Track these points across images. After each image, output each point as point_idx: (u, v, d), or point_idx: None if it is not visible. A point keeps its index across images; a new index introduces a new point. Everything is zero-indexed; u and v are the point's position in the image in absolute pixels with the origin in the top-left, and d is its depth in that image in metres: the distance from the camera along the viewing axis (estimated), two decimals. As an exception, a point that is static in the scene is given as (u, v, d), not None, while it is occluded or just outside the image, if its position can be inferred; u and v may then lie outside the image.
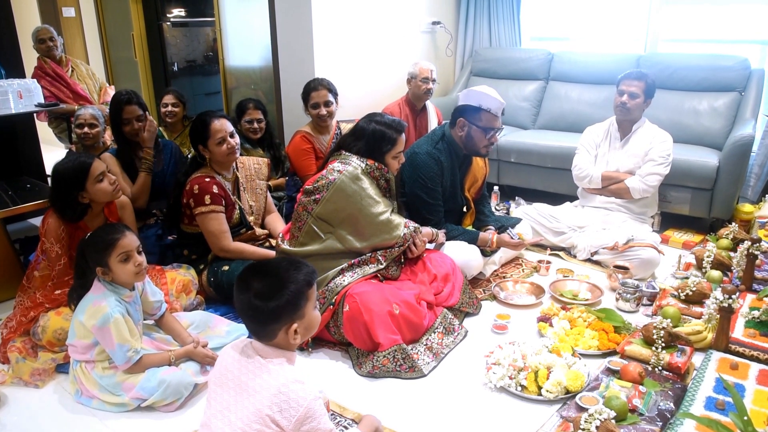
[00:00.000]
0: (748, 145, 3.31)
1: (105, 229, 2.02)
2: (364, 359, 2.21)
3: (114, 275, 1.98)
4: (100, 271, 1.97)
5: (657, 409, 1.84)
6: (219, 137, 2.58)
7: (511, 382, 2.03)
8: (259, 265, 1.50)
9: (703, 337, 2.24)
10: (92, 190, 2.25)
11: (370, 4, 4.26)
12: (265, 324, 1.44)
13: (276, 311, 1.41)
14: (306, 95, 3.38)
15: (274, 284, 1.42)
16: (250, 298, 1.41)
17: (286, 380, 1.41)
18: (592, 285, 2.80)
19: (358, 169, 2.40)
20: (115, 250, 1.95)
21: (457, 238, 2.85)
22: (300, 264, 1.48)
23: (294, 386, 1.40)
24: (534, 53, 4.67)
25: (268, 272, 1.46)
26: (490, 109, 2.76)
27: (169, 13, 5.64)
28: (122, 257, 1.96)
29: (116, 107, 2.90)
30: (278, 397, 1.39)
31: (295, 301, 1.43)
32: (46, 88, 3.96)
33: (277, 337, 1.45)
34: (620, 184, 3.20)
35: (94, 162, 2.27)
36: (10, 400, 2.06)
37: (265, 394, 1.40)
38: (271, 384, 1.41)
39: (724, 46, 4.12)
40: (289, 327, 1.44)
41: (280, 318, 1.42)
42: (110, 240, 1.95)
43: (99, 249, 1.95)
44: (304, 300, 1.45)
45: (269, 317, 1.42)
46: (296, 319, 1.44)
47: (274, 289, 1.41)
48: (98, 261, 1.96)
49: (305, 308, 1.46)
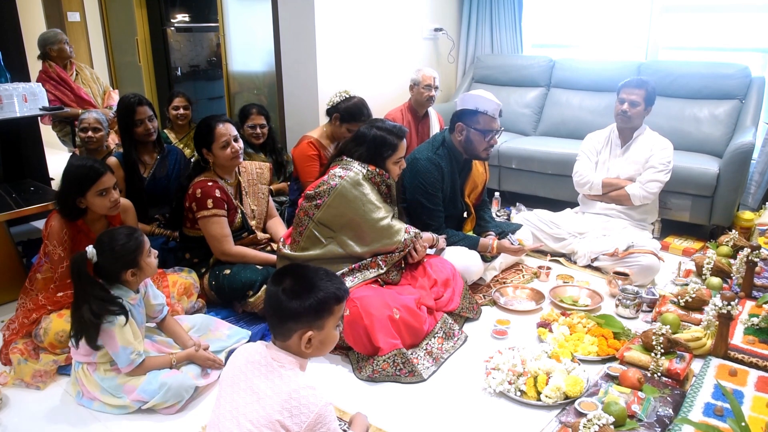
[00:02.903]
0: (748, 153, 3.32)
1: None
2: (364, 363, 2.22)
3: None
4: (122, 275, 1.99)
5: (656, 415, 1.84)
6: (223, 141, 2.59)
7: (511, 387, 2.04)
8: (299, 267, 1.55)
9: (703, 343, 2.25)
10: (91, 200, 2.25)
11: (373, 10, 4.28)
12: (283, 321, 1.46)
13: (297, 312, 1.43)
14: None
15: (305, 286, 1.45)
16: (279, 291, 1.44)
17: (297, 386, 1.42)
18: (592, 291, 2.81)
19: (359, 175, 2.41)
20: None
21: (458, 244, 2.86)
22: (336, 279, 1.51)
23: (305, 392, 1.42)
24: (535, 60, 4.70)
25: (304, 275, 1.49)
26: (487, 111, 2.78)
27: (174, 18, 5.67)
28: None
29: (128, 109, 2.93)
30: (289, 402, 1.40)
31: (318, 309, 1.44)
32: (50, 92, 3.98)
33: (291, 339, 1.46)
34: (621, 191, 3.21)
35: (104, 175, 2.24)
36: (12, 402, 2.07)
37: (276, 399, 1.41)
38: (282, 389, 1.42)
39: (724, 54, 4.14)
40: (305, 332, 1.44)
41: (299, 320, 1.44)
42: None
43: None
44: (328, 313, 1.46)
45: (289, 315, 1.44)
46: (314, 327, 1.45)
47: (303, 291, 1.44)
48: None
49: (326, 320, 1.47)
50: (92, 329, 1.93)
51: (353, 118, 3.11)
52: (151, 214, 3.07)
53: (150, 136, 3.00)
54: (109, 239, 1.99)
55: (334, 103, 3.21)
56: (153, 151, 3.10)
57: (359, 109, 3.14)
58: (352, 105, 3.15)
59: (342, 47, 4.14)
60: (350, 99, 3.18)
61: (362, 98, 3.22)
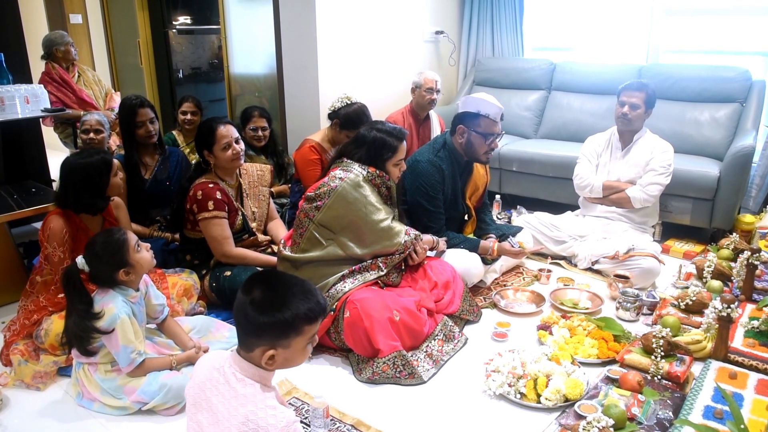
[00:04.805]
0: (749, 156, 3.33)
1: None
2: (364, 365, 2.22)
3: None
4: (122, 273, 1.99)
5: (656, 418, 1.84)
6: (224, 143, 2.60)
7: (511, 389, 2.04)
8: (273, 276, 1.44)
9: (703, 346, 2.25)
10: (112, 181, 2.34)
11: (374, 13, 4.29)
12: (246, 334, 1.37)
13: (261, 328, 1.33)
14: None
15: (274, 302, 1.34)
16: (246, 302, 1.34)
17: (254, 407, 1.33)
18: (592, 294, 2.81)
19: (359, 177, 2.42)
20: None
21: (458, 246, 2.86)
22: (313, 296, 1.38)
23: (263, 413, 1.32)
24: (536, 63, 4.70)
25: (276, 287, 1.37)
26: (489, 114, 2.78)
27: (175, 20, 5.68)
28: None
29: (130, 111, 2.94)
30: (246, 425, 1.31)
31: (284, 329, 1.34)
32: (52, 94, 3.99)
33: (253, 353, 1.37)
34: (621, 194, 3.21)
35: (113, 161, 2.37)
36: (12, 403, 2.08)
37: (233, 422, 1.33)
38: (238, 411, 1.33)
39: (725, 57, 4.14)
40: (266, 350, 1.34)
41: (261, 336, 1.34)
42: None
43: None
44: (295, 333, 1.35)
45: (251, 330, 1.35)
46: (278, 346, 1.35)
47: (271, 306, 1.33)
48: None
49: (293, 340, 1.36)
50: (76, 341, 1.96)
51: (352, 125, 3.11)
52: (152, 215, 3.08)
53: (151, 138, 3.01)
54: (92, 246, 1.99)
55: (335, 108, 3.22)
56: (154, 153, 3.11)
57: (359, 116, 3.15)
58: (352, 112, 3.16)
59: (343, 50, 4.14)
60: (351, 105, 3.19)
61: (363, 104, 3.23)
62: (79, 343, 1.96)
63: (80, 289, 1.95)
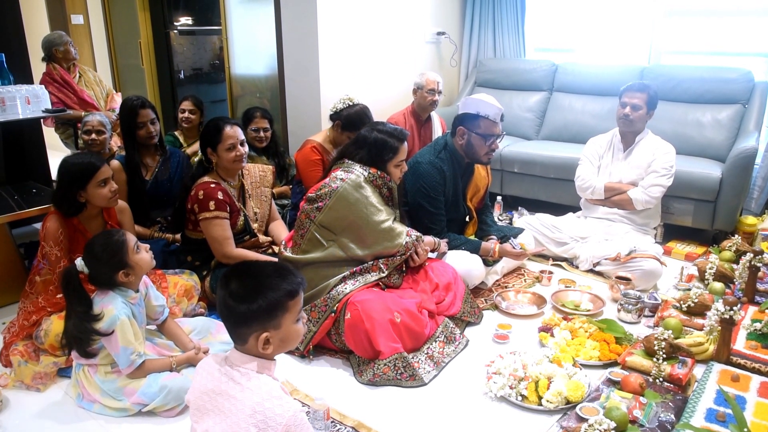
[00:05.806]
0: (751, 158, 3.32)
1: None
2: (365, 367, 2.21)
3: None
4: (121, 274, 1.99)
5: (657, 421, 1.83)
6: (230, 143, 2.60)
7: (512, 391, 2.03)
8: (244, 266, 1.44)
9: (705, 348, 2.24)
10: (92, 192, 2.28)
11: (376, 14, 4.29)
12: (235, 326, 1.39)
13: (246, 315, 1.35)
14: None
15: (252, 287, 1.36)
16: (225, 296, 1.36)
17: (260, 398, 1.34)
18: (593, 296, 2.80)
19: (360, 178, 2.41)
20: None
21: (460, 248, 2.86)
22: (287, 273, 1.41)
23: (269, 403, 1.34)
24: (538, 64, 4.70)
25: (250, 274, 1.40)
26: (488, 115, 2.78)
27: (177, 21, 5.69)
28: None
29: (130, 111, 2.94)
30: (254, 417, 1.33)
31: (270, 310, 1.36)
32: (53, 94, 3.99)
33: (248, 343, 1.38)
34: (623, 195, 3.20)
35: (102, 166, 2.30)
36: (12, 404, 2.08)
37: (241, 416, 1.34)
38: (245, 404, 1.35)
39: (727, 59, 4.13)
40: (260, 334, 1.36)
41: (249, 323, 1.36)
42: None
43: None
44: (282, 310, 1.37)
45: (239, 320, 1.37)
46: (269, 328, 1.37)
47: (250, 293, 1.35)
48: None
49: (282, 319, 1.38)
50: (76, 343, 1.95)
51: (354, 127, 3.10)
52: (153, 216, 3.08)
53: (152, 139, 3.01)
54: (91, 247, 1.99)
55: (337, 109, 3.22)
56: (155, 154, 3.11)
57: (360, 118, 3.14)
58: (354, 113, 3.16)
59: (345, 51, 4.14)
60: (353, 107, 3.18)
61: (365, 106, 3.22)
62: (78, 344, 1.95)
63: (79, 290, 1.95)
